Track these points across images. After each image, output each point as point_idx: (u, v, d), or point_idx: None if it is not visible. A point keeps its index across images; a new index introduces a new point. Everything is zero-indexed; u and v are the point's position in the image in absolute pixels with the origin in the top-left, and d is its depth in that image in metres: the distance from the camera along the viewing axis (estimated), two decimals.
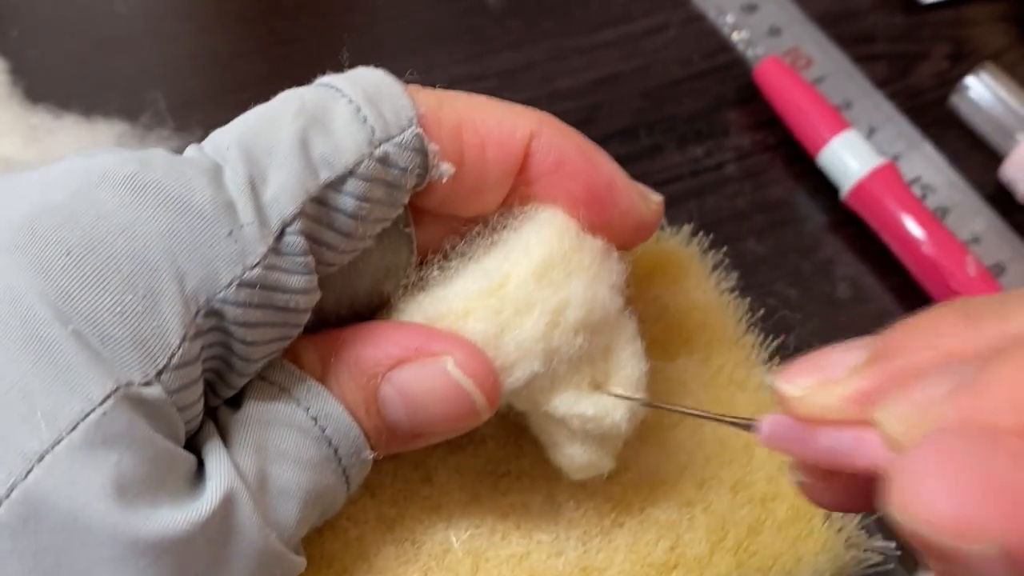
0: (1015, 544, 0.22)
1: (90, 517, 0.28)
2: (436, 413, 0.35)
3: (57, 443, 0.28)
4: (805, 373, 0.28)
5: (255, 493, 0.32)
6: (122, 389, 0.29)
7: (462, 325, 0.36)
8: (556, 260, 0.36)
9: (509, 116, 0.37)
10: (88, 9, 0.60)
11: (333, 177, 0.33)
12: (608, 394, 0.37)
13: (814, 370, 0.28)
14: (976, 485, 0.22)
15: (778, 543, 0.40)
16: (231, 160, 0.32)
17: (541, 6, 0.63)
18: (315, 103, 0.34)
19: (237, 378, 0.34)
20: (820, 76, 0.60)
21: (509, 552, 0.39)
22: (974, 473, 0.22)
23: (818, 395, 0.28)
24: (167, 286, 0.30)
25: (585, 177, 0.38)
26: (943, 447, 0.23)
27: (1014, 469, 0.22)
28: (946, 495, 0.22)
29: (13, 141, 0.53)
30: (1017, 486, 0.22)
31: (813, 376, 0.28)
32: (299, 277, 0.33)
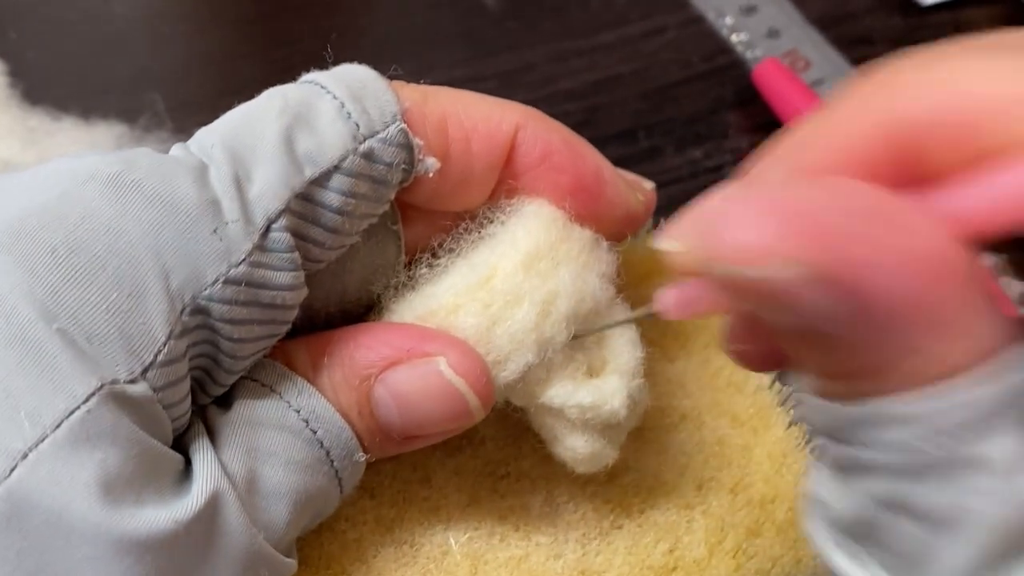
0: (821, 260, 0.22)
1: (74, 515, 0.28)
2: (429, 414, 0.35)
3: (41, 441, 0.28)
4: (680, 226, 0.28)
5: (243, 494, 0.32)
6: (107, 387, 0.29)
7: (453, 320, 0.36)
8: (543, 251, 0.36)
9: (494, 110, 0.37)
10: (87, 11, 0.60)
11: (318, 173, 0.33)
12: (613, 382, 0.37)
13: (688, 219, 0.28)
14: (772, 214, 0.23)
15: (777, 545, 0.40)
16: (216, 158, 0.32)
17: (540, 8, 0.63)
18: (299, 100, 0.34)
19: (226, 375, 0.34)
20: (819, 78, 0.60)
21: (508, 554, 0.39)
22: (771, 204, 0.23)
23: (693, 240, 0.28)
24: (152, 284, 0.30)
25: (572, 169, 0.38)
26: (747, 192, 0.25)
27: (813, 195, 0.23)
28: (744, 228, 0.23)
29: (11, 144, 0.53)
30: (815, 208, 0.23)
31: (688, 226, 0.27)
32: (285, 274, 0.33)
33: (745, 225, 0.23)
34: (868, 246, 0.23)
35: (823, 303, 0.23)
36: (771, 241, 0.23)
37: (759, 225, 0.23)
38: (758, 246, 0.23)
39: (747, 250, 0.23)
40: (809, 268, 0.22)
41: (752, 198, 0.24)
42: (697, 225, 0.26)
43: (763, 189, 0.25)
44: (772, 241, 0.23)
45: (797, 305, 0.23)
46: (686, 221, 0.27)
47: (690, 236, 0.27)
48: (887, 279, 0.22)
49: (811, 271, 0.22)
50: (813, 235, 0.23)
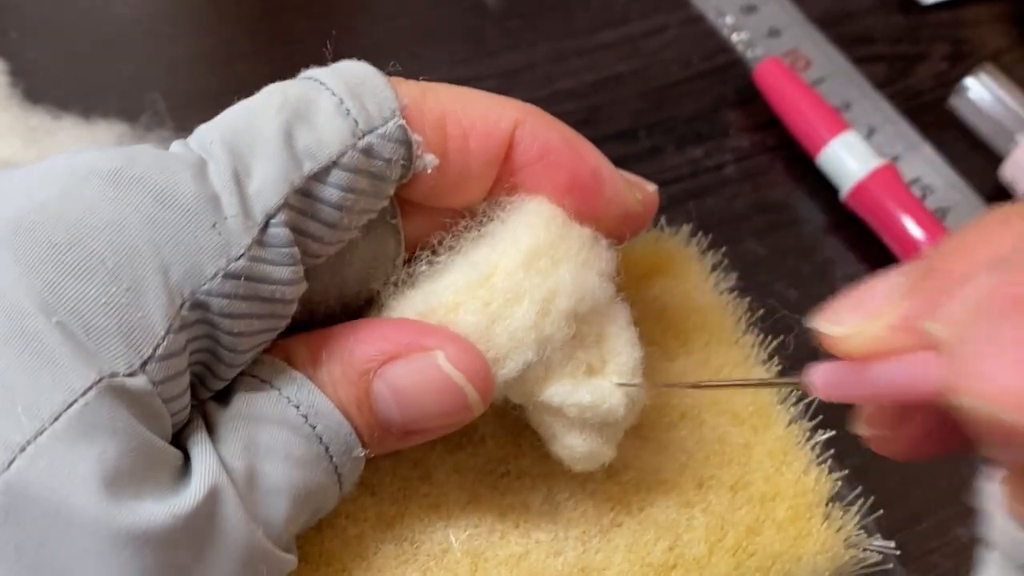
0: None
1: (72, 508, 0.28)
2: (428, 408, 0.35)
3: (40, 434, 0.28)
4: (848, 310, 0.27)
5: (243, 489, 0.32)
6: (105, 380, 0.29)
7: (453, 318, 0.36)
8: (543, 249, 0.36)
9: (493, 106, 0.37)
10: (87, 10, 0.60)
11: (317, 168, 0.33)
12: (613, 383, 0.37)
13: (857, 305, 0.27)
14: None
15: (777, 543, 0.40)
16: (215, 154, 0.33)
17: (541, 7, 0.63)
18: (298, 96, 0.34)
19: (226, 369, 0.34)
20: (819, 77, 0.60)
21: (508, 552, 0.39)
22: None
23: (865, 329, 0.27)
24: (152, 278, 0.30)
25: (570, 166, 0.38)
26: (995, 323, 0.23)
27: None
28: (1007, 368, 0.22)
29: (12, 142, 0.53)
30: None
31: (857, 311, 0.27)
32: (284, 268, 0.33)
33: (1009, 368, 0.22)
34: None
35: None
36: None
37: (1019, 364, 0.22)
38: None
39: (1017, 396, 0.22)
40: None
41: (1002, 331, 0.23)
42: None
43: (1010, 324, 0.23)
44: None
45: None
46: (850, 306, 0.27)
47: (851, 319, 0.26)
48: None
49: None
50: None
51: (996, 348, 0.22)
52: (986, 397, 0.22)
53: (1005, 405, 0.22)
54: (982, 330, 0.23)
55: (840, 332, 0.27)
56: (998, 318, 0.23)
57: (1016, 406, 0.22)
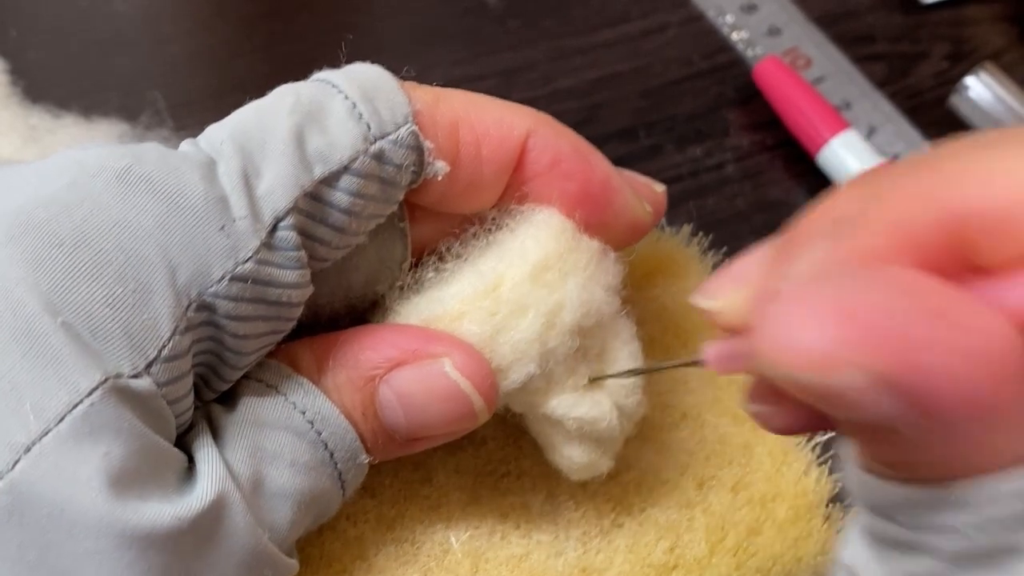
0: (886, 367, 0.21)
1: (76, 509, 0.28)
2: (434, 415, 0.35)
3: (44, 434, 0.28)
4: (720, 283, 0.28)
5: (248, 494, 0.32)
6: (110, 380, 0.29)
7: (457, 327, 0.35)
8: (551, 262, 0.36)
9: (506, 114, 0.37)
10: (87, 9, 0.60)
11: (327, 173, 0.33)
12: (607, 401, 0.37)
13: (727, 278, 0.28)
14: (832, 315, 0.22)
15: (778, 544, 0.40)
16: (225, 154, 0.32)
17: (540, 6, 0.63)
18: (311, 99, 0.34)
19: (230, 372, 0.34)
20: (820, 76, 0.60)
21: (509, 553, 0.39)
22: (830, 304, 0.22)
23: (733, 300, 0.27)
24: (158, 279, 0.30)
25: (580, 176, 0.38)
26: (803, 288, 0.23)
27: (873, 293, 0.22)
28: (803, 331, 0.22)
29: (12, 141, 0.53)
30: (877, 309, 0.22)
31: (726, 283, 0.28)
32: (291, 272, 0.33)
33: (806, 328, 0.22)
34: (933, 350, 0.22)
35: (886, 407, 0.22)
36: (835, 347, 0.22)
37: (821, 329, 0.22)
38: (821, 353, 0.22)
39: (809, 357, 0.22)
40: (873, 376, 0.21)
41: (811, 296, 0.23)
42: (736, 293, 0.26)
43: (820, 285, 0.23)
44: (836, 348, 0.22)
45: (858, 407, 0.22)
46: (724, 280, 0.27)
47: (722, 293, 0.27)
48: (953, 383, 0.22)
49: (875, 378, 0.21)
50: (878, 341, 0.21)
51: (796, 310, 0.22)
52: (784, 361, 0.22)
53: (803, 367, 0.22)
54: (787, 295, 0.23)
55: (713, 305, 0.28)
56: (804, 284, 0.23)
57: (813, 367, 0.22)
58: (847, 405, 0.22)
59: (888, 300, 0.22)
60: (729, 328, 0.28)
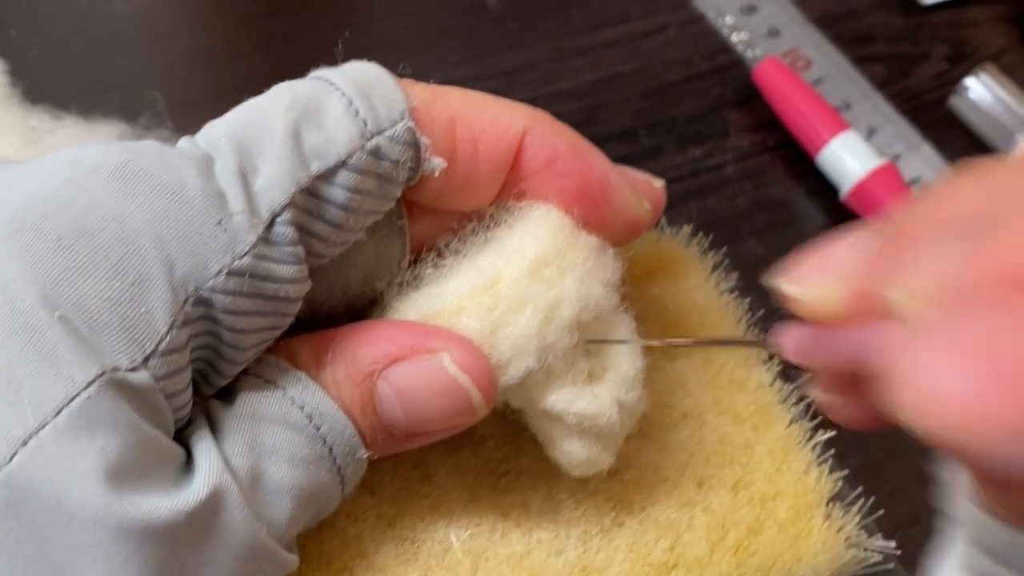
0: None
1: (73, 502, 0.28)
2: (433, 410, 0.35)
3: (41, 428, 0.28)
4: (812, 271, 0.26)
5: (246, 489, 0.32)
6: (108, 374, 0.29)
7: (456, 323, 0.35)
8: (550, 257, 0.36)
9: (503, 112, 0.37)
10: (87, 10, 0.60)
11: (324, 169, 0.33)
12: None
13: (819, 265, 0.26)
14: (988, 368, 0.19)
15: (778, 543, 0.40)
16: (222, 151, 0.32)
17: (541, 7, 0.63)
18: (308, 96, 0.34)
19: (228, 367, 0.34)
20: (819, 77, 0.60)
21: (509, 551, 0.39)
22: (984, 354, 0.19)
23: (826, 291, 0.25)
24: (156, 274, 0.30)
25: (578, 174, 0.38)
26: (949, 326, 0.20)
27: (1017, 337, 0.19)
28: (946, 381, 0.19)
29: (12, 142, 0.53)
30: None
31: (819, 271, 0.26)
32: (289, 267, 0.33)
33: (951, 379, 0.19)
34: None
35: (1018, 463, 0.19)
36: (984, 405, 0.19)
37: (969, 382, 0.19)
38: (977, 413, 0.19)
39: (954, 413, 0.19)
40: (1016, 435, 0.19)
41: (961, 341, 0.20)
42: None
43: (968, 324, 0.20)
44: (986, 406, 0.19)
45: (990, 460, 0.20)
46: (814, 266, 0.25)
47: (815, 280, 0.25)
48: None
49: (1018, 438, 0.19)
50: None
51: (945, 358, 0.20)
52: (929, 413, 0.20)
53: (950, 429, 0.19)
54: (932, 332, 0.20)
55: (801, 293, 0.26)
56: (961, 306, 0.21)
57: (962, 430, 0.19)
58: (984, 461, 0.20)
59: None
60: (813, 318, 0.26)
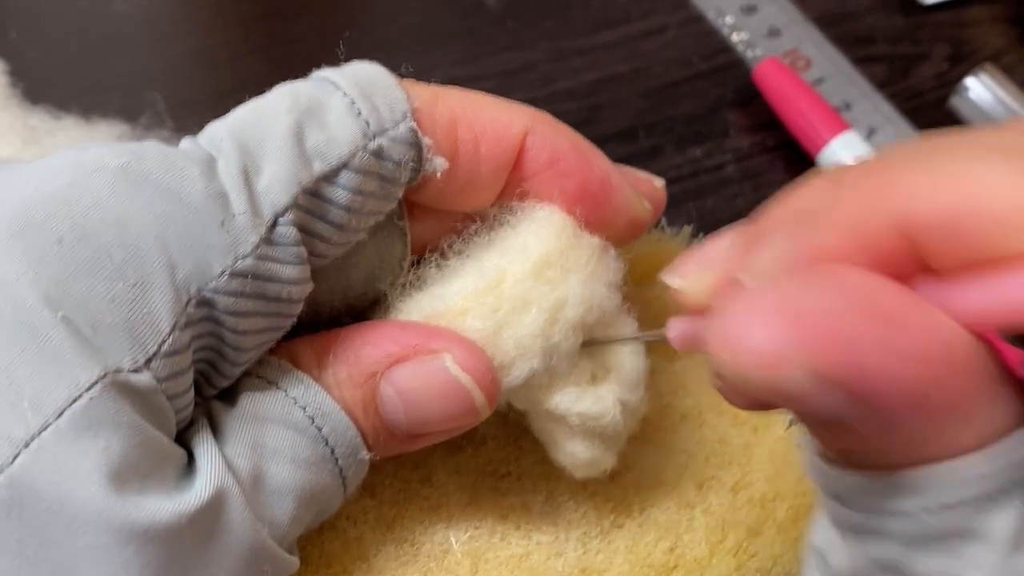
0: (828, 367, 0.22)
1: (76, 503, 0.28)
2: (435, 411, 0.35)
3: (44, 429, 0.28)
4: (686, 264, 0.29)
5: (248, 490, 0.32)
6: (110, 375, 0.29)
7: (460, 323, 0.35)
8: (553, 258, 0.36)
9: (504, 112, 0.37)
10: (87, 10, 0.60)
11: (327, 169, 0.33)
12: (610, 396, 0.37)
13: (694, 259, 0.29)
14: (779, 319, 0.23)
15: (778, 544, 0.40)
16: (225, 151, 0.32)
17: (540, 7, 0.63)
18: (310, 96, 0.34)
19: (230, 368, 0.34)
20: (819, 77, 0.60)
21: (509, 553, 0.39)
22: (779, 308, 0.23)
23: (698, 281, 0.28)
24: (158, 275, 0.30)
25: (579, 175, 0.38)
26: (756, 289, 0.24)
27: (823, 296, 0.23)
28: (752, 334, 0.23)
29: (12, 142, 0.53)
30: (824, 313, 0.23)
31: (692, 265, 0.29)
32: (291, 267, 0.33)
33: (754, 329, 0.23)
34: (872, 350, 0.23)
35: (830, 403, 0.23)
36: (779, 348, 0.23)
37: (767, 330, 0.23)
38: (767, 353, 0.23)
39: (756, 357, 0.23)
40: (820, 375, 0.22)
41: (762, 298, 0.24)
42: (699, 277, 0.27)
43: (772, 286, 0.24)
44: (780, 348, 0.23)
45: (804, 404, 0.23)
46: (692, 261, 0.29)
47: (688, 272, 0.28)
48: (899, 383, 0.23)
49: (822, 378, 0.22)
50: (825, 343, 0.22)
51: (745, 311, 0.23)
52: (730, 361, 0.23)
53: (747, 367, 0.23)
54: (743, 296, 0.24)
55: (679, 284, 0.29)
56: (759, 285, 0.24)
57: (757, 367, 0.23)
58: (794, 401, 0.23)
59: (834, 302, 0.23)
60: (692, 308, 0.29)
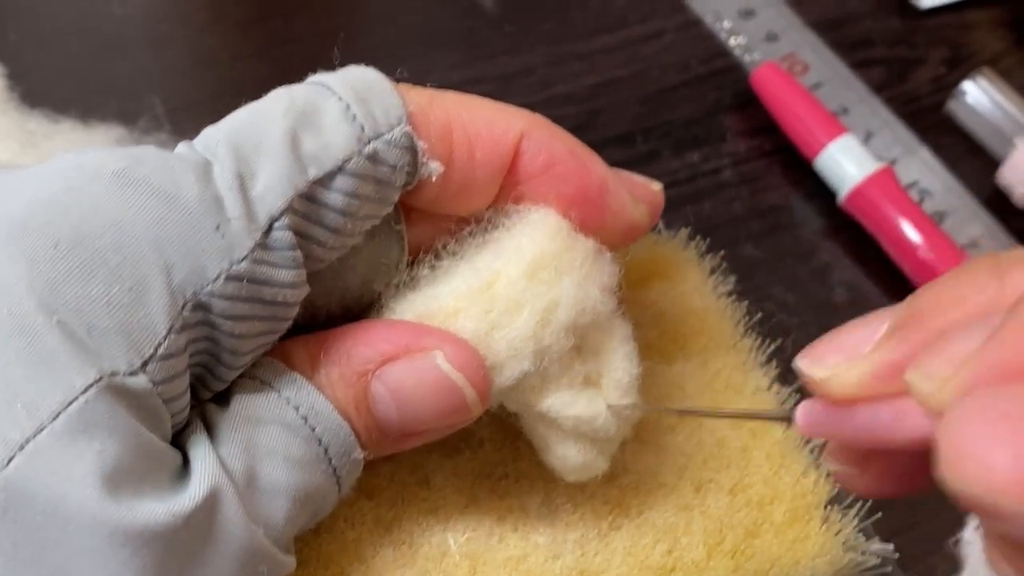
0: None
1: (71, 506, 0.28)
2: (427, 409, 0.35)
3: (39, 431, 0.28)
4: (830, 352, 0.28)
5: (243, 490, 0.32)
6: (106, 379, 0.29)
7: (452, 323, 0.35)
8: (547, 260, 0.36)
9: (499, 116, 0.37)
10: (86, 13, 0.60)
11: (322, 174, 0.33)
12: (614, 405, 0.37)
13: (839, 347, 0.28)
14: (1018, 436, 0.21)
15: (776, 546, 0.40)
16: (220, 156, 0.33)
17: (538, 11, 0.63)
18: (305, 101, 0.34)
19: (226, 371, 0.34)
20: (817, 82, 0.60)
21: (506, 555, 0.39)
22: (1015, 422, 0.21)
23: (847, 373, 0.27)
24: (154, 278, 0.30)
25: (576, 179, 0.38)
26: (987, 401, 0.22)
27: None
28: (1002, 453, 0.21)
29: (10, 146, 0.53)
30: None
31: (838, 354, 0.27)
32: (287, 271, 0.33)
33: (1003, 453, 0.21)
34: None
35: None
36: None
37: (1016, 450, 0.21)
38: (1015, 480, 0.21)
39: (1006, 483, 0.21)
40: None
41: (1000, 413, 0.22)
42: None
43: (1005, 399, 0.22)
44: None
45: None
46: (833, 348, 0.28)
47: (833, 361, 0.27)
48: None
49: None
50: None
51: (987, 429, 0.22)
52: (979, 483, 0.22)
53: (1001, 492, 0.21)
54: (971, 407, 0.22)
55: (821, 374, 0.28)
56: (986, 396, 0.23)
57: (1014, 494, 0.21)
58: (1016, 527, 0.22)
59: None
60: (832, 397, 0.28)
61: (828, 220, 0.55)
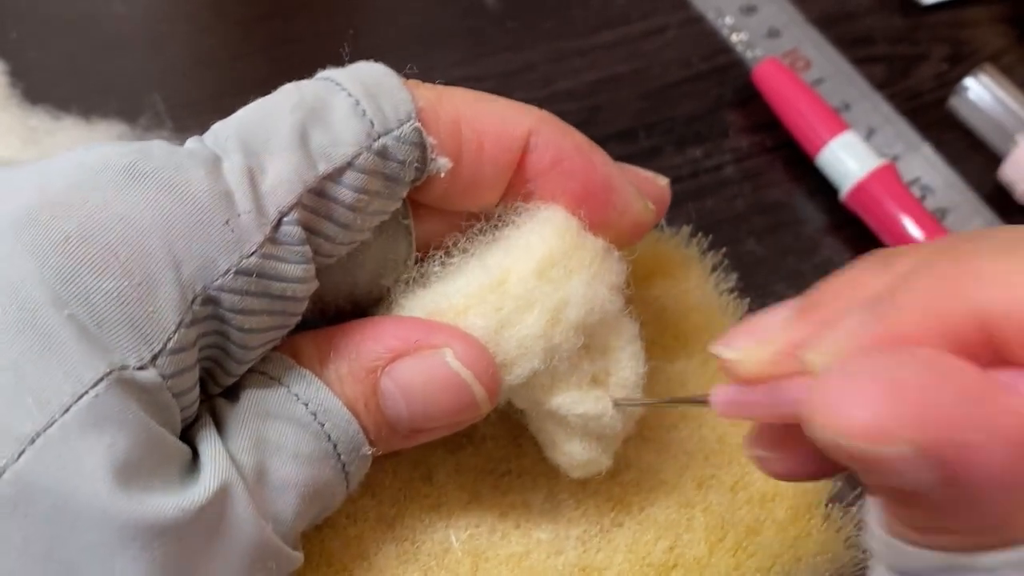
0: (929, 442, 0.23)
1: (81, 500, 0.28)
2: (436, 406, 0.35)
3: (49, 426, 0.28)
4: (740, 336, 0.30)
5: (252, 486, 0.32)
6: (116, 372, 0.29)
7: (462, 321, 0.36)
8: (557, 258, 0.36)
9: (508, 112, 0.37)
10: (87, 11, 0.60)
11: (331, 169, 0.33)
12: (608, 397, 0.38)
13: (748, 332, 0.30)
14: (884, 392, 0.24)
15: (777, 543, 0.40)
16: (230, 151, 0.33)
17: (540, 8, 0.63)
18: (314, 96, 0.34)
19: (235, 366, 0.34)
20: (819, 78, 0.60)
21: (509, 551, 0.39)
22: (882, 382, 0.24)
23: (754, 354, 0.29)
24: (164, 273, 0.30)
25: (583, 175, 0.38)
26: (853, 365, 0.25)
27: (919, 374, 0.24)
28: (858, 405, 0.24)
29: (11, 143, 0.53)
30: (922, 389, 0.24)
31: (748, 338, 0.30)
32: (296, 266, 0.33)
33: (862, 402, 0.24)
34: (973, 428, 0.24)
35: (925, 476, 0.24)
36: (886, 422, 0.24)
37: (876, 404, 0.24)
38: (874, 426, 0.24)
39: (864, 428, 0.24)
40: (918, 448, 0.23)
41: (864, 372, 0.25)
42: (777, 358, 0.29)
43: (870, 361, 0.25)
44: (887, 422, 0.24)
45: (899, 475, 0.24)
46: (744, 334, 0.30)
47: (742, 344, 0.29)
48: (989, 459, 0.23)
49: (920, 451, 0.23)
50: (923, 418, 0.24)
51: (849, 386, 0.25)
52: (840, 431, 0.24)
53: (856, 437, 0.24)
54: (839, 370, 0.25)
55: (732, 356, 0.30)
56: (853, 360, 0.26)
57: (866, 439, 0.24)
58: (889, 472, 0.24)
59: (931, 379, 0.24)
60: (742, 379, 0.30)
61: (830, 216, 0.55)
